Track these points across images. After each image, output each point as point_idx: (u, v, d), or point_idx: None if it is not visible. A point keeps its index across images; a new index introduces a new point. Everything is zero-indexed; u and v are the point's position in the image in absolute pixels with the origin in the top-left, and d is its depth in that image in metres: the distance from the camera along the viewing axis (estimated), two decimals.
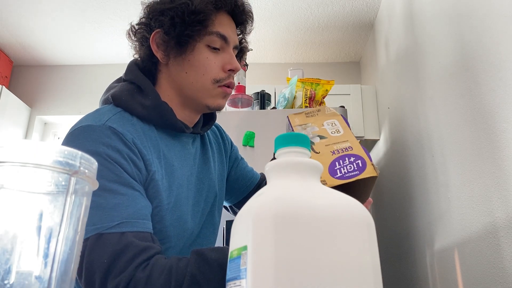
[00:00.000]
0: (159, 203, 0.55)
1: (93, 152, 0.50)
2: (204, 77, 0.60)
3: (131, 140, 0.54)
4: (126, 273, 0.45)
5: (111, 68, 2.30)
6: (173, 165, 0.59)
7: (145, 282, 0.44)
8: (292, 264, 0.25)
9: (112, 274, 0.45)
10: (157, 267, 0.46)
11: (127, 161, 0.52)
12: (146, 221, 0.51)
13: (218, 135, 0.77)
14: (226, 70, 0.61)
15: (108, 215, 0.47)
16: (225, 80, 0.61)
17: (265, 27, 2.00)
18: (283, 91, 1.56)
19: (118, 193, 0.49)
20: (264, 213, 0.28)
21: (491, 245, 0.87)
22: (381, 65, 1.83)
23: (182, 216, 0.59)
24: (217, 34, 0.60)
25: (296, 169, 0.31)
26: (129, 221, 0.48)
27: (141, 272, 0.45)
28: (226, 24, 0.62)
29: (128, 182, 0.51)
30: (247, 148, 1.32)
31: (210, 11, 0.58)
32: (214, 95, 0.61)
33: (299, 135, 0.33)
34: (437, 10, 1.18)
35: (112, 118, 0.55)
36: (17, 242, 0.18)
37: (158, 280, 0.45)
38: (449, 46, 1.09)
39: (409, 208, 1.41)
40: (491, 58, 0.88)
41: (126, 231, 0.47)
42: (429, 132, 1.23)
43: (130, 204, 0.49)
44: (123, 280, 0.44)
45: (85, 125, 0.53)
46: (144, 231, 0.49)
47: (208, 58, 0.60)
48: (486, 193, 0.89)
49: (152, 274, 0.45)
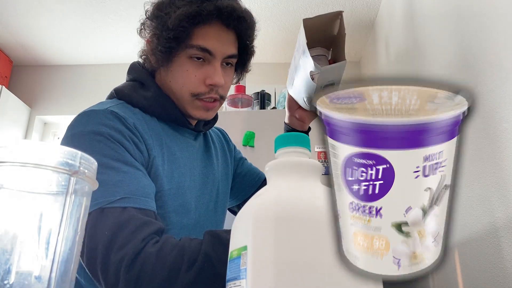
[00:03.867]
0: (161, 188, 0.55)
1: (95, 133, 0.50)
2: (183, 89, 0.59)
3: (133, 124, 0.54)
4: (131, 246, 0.43)
5: (111, 68, 2.30)
6: (175, 154, 0.59)
7: (155, 256, 0.43)
8: (292, 264, 0.25)
9: (116, 247, 0.43)
10: (168, 243, 0.45)
11: (129, 142, 0.52)
12: (149, 199, 0.50)
13: (221, 137, 0.78)
14: (207, 84, 0.59)
15: (111, 191, 0.47)
16: (205, 94, 0.59)
17: (265, 27, 2.00)
18: (283, 91, 1.56)
19: (120, 171, 0.49)
20: (264, 213, 0.28)
21: (491, 245, 0.87)
22: (381, 65, 1.83)
23: (185, 204, 0.58)
24: (198, 47, 0.58)
25: (296, 169, 0.31)
26: (132, 197, 0.47)
27: (151, 247, 0.44)
28: (212, 36, 0.59)
29: (130, 161, 0.50)
30: (247, 148, 1.32)
31: (184, 28, 0.56)
32: (195, 107, 0.61)
33: (299, 135, 0.33)
34: (437, 10, 1.18)
35: (114, 106, 0.56)
36: (17, 242, 0.18)
37: (169, 255, 0.43)
38: (449, 46, 1.09)
39: None
40: (491, 58, 0.88)
41: (128, 206, 0.46)
42: None
43: (133, 181, 0.49)
44: (129, 253, 0.43)
45: (88, 110, 0.54)
46: (147, 208, 0.48)
47: (188, 71, 0.59)
48: (486, 193, 0.89)
49: (163, 249, 0.44)
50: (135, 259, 0.43)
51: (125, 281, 0.42)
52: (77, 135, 0.51)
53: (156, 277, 0.43)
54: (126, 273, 0.43)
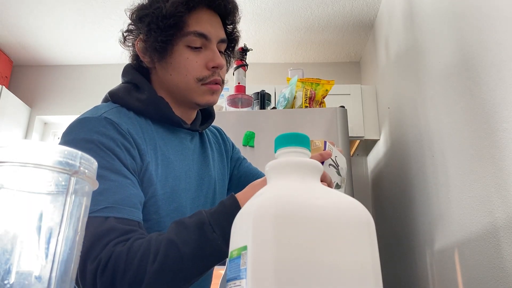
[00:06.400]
0: (154, 193, 0.55)
1: (87, 140, 0.50)
2: (187, 77, 0.60)
3: (126, 130, 0.54)
4: (105, 251, 0.44)
5: (111, 68, 2.30)
6: (169, 158, 0.59)
7: (126, 254, 0.44)
8: (292, 264, 0.25)
9: (92, 257, 0.44)
10: (137, 241, 0.45)
11: (120, 149, 0.52)
12: (135, 209, 0.50)
13: (218, 137, 0.77)
14: (210, 68, 0.60)
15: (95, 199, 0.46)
16: (210, 78, 0.61)
17: (265, 27, 2.00)
18: (283, 91, 1.56)
19: (107, 179, 0.48)
20: (264, 213, 0.27)
21: (491, 245, 0.87)
22: (381, 65, 1.83)
23: (180, 208, 0.58)
24: (195, 33, 0.59)
25: (296, 169, 0.31)
26: (115, 206, 0.47)
27: (120, 247, 0.44)
28: (205, 20, 0.60)
29: (119, 170, 0.50)
30: (247, 148, 1.32)
31: (182, 13, 0.58)
32: (201, 93, 0.61)
33: (299, 135, 0.33)
34: (437, 9, 1.18)
35: (109, 111, 0.56)
36: (17, 242, 0.18)
37: (138, 251, 0.44)
38: (450, 46, 1.09)
39: (409, 208, 1.41)
40: (491, 58, 0.88)
41: (110, 216, 0.46)
42: (430, 132, 1.22)
43: (118, 190, 0.49)
44: (103, 258, 0.44)
45: (82, 118, 0.54)
46: (131, 218, 0.48)
47: (188, 59, 0.60)
48: (486, 193, 0.89)
49: (132, 247, 0.44)
50: (108, 261, 0.44)
51: (101, 284, 0.43)
52: (69, 142, 0.51)
53: (127, 273, 0.43)
54: (101, 277, 0.43)
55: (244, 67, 1.54)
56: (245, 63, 1.53)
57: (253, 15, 1.91)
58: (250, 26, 1.98)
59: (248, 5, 1.84)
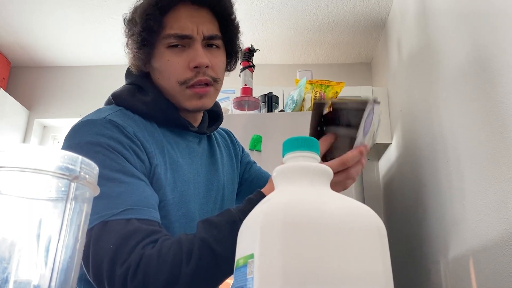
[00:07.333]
0: (164, 197, 0.54)
1: (94, 143, 0.50)
2: (171, 81, 0.58)
3: (132, 132, 0.53)
4: (134, 255, 0.43)
5: (112, 69, 2.24)
6: (178, 161, 0.58)
7: (157, 256, 0.43)
8: (300, 273, 0.25)
9: (121, 261, 0.43)
10: (166, 243, 0.45)
11: (129, 152, 0.51)
12: (153, 209, 0.49)
13: (227, 139, 0.75)
14: (192, 68, 0.57)
15: (113, 203, 0.46)
16: (193, 79, 0.57)
17: (272, 26, 1.99)
18: (291, 93, 1.55)
19: (122, 182, 0.48)
20: (272, 220, 0.27)
21: (507, 253, 0.84)
22: (393, 66, 1.80)
23: (189, 214, 0.58)
24: (173, 36, 0.57)
25: (305, 174, 0.30)
26: (135, 208, 0.47)
27: (150, 250, 0.44)
28: (183, 18, 0.57)
29: (132, 171, 0.50)
30: (254, 153, 1.31)
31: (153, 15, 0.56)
32: (187, 98, 0.59)
33: (308, 139, 0.32)
34: (451, 8, 1.15)
35: (113, 114, 0.55)
36: (15, 250, 0.18)
37: (169, 253, 0.44)
38: (464, 46, 1.06)
39: (422, 214, 1.38)
40: (508, 59, 0.85)
41: (131, 217, 0.46)
42: (443, 135, 1.20)
43: (135, 192, 0.48)
44: (133, 261, 0.43)
45: (86, 120, 0.53)
46: (151, 219, 0.48)
47: (169, 61, 0.57)
48: (502, 199, 0.86)
49: (162, 248, 0.44)
50: (138, 266, 0.43)
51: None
52: (74, 146, 0.50)
53: (161, 276, 0.43)
54: (132, 281, 0.43)
55: (251, 68, 1.53)
56: (251, 64, 1.52)
57: (260, 14, 1.89)
58: (257, 26, 1.97)
59: (255, 4, 1.82)
